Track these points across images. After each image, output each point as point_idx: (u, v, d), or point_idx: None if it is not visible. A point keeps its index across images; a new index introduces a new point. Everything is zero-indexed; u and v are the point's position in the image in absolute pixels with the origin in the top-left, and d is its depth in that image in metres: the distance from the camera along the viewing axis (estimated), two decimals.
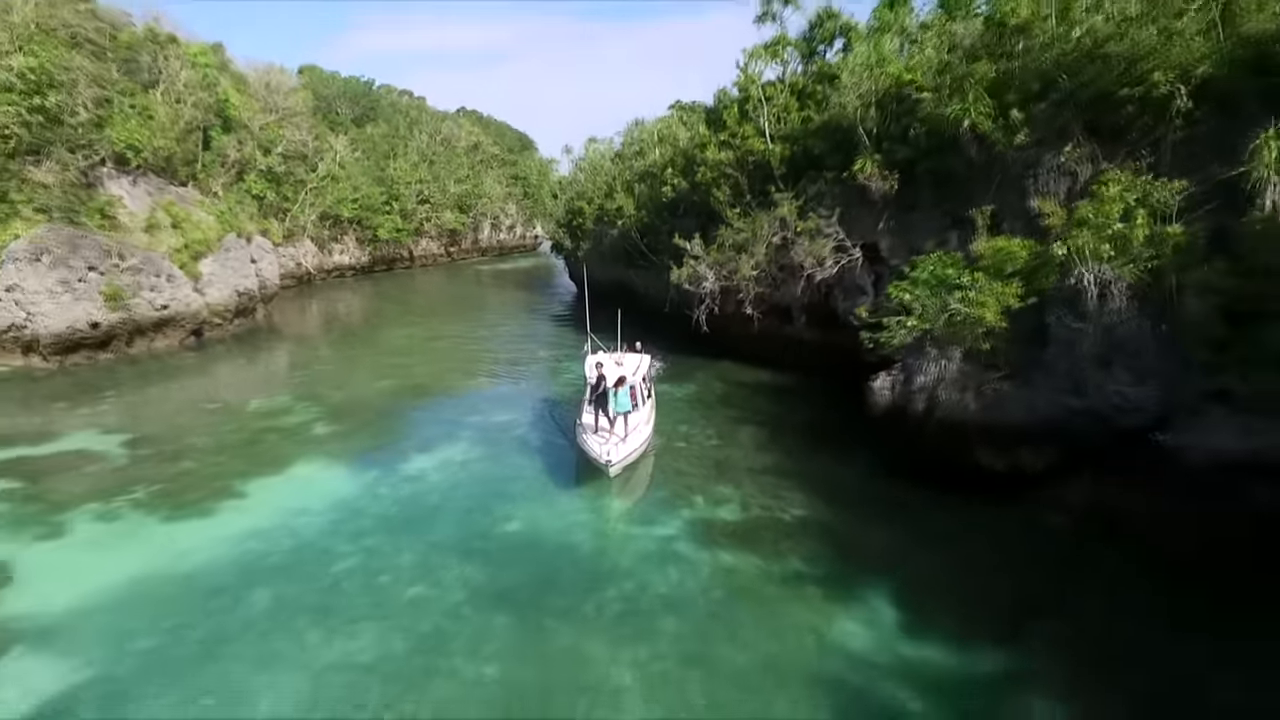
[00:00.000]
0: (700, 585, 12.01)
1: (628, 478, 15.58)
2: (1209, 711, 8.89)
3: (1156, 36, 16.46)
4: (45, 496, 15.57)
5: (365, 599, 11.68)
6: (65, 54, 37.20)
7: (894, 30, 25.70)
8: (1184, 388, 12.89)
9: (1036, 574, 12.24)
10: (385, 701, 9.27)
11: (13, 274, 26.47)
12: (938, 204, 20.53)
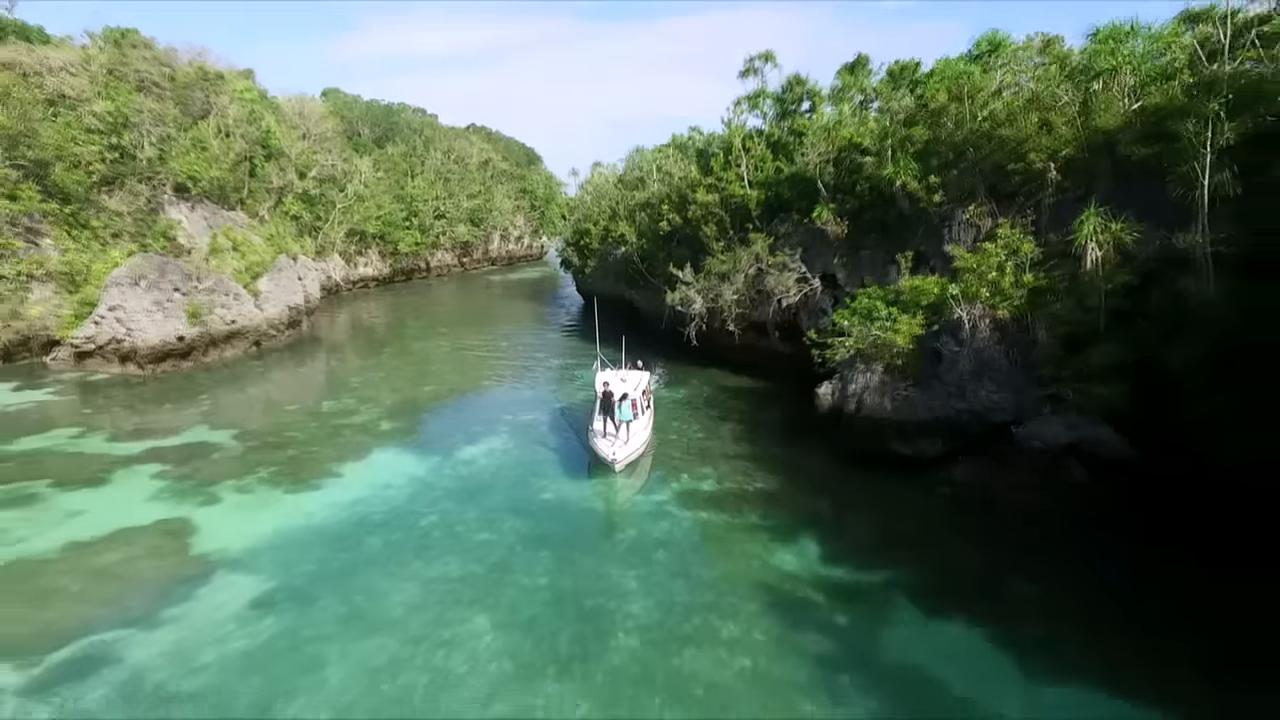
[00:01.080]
0: (683, 532, 17.05)
1: (630, 470, 20.45)
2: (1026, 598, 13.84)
3: (1035, 124, 21.51)
4: (194, 476, 20.63)
5: (448, 541, 16.73)
6: (136, 97, 42.28)
7: (854, 91, 30.85)
8: (1029, 394, 17.95)
9: (925, 525, 17.23)
10: (472, 600, 14.27)
11: (115, 296, 31.54)
12: (880, 245, 25.61)
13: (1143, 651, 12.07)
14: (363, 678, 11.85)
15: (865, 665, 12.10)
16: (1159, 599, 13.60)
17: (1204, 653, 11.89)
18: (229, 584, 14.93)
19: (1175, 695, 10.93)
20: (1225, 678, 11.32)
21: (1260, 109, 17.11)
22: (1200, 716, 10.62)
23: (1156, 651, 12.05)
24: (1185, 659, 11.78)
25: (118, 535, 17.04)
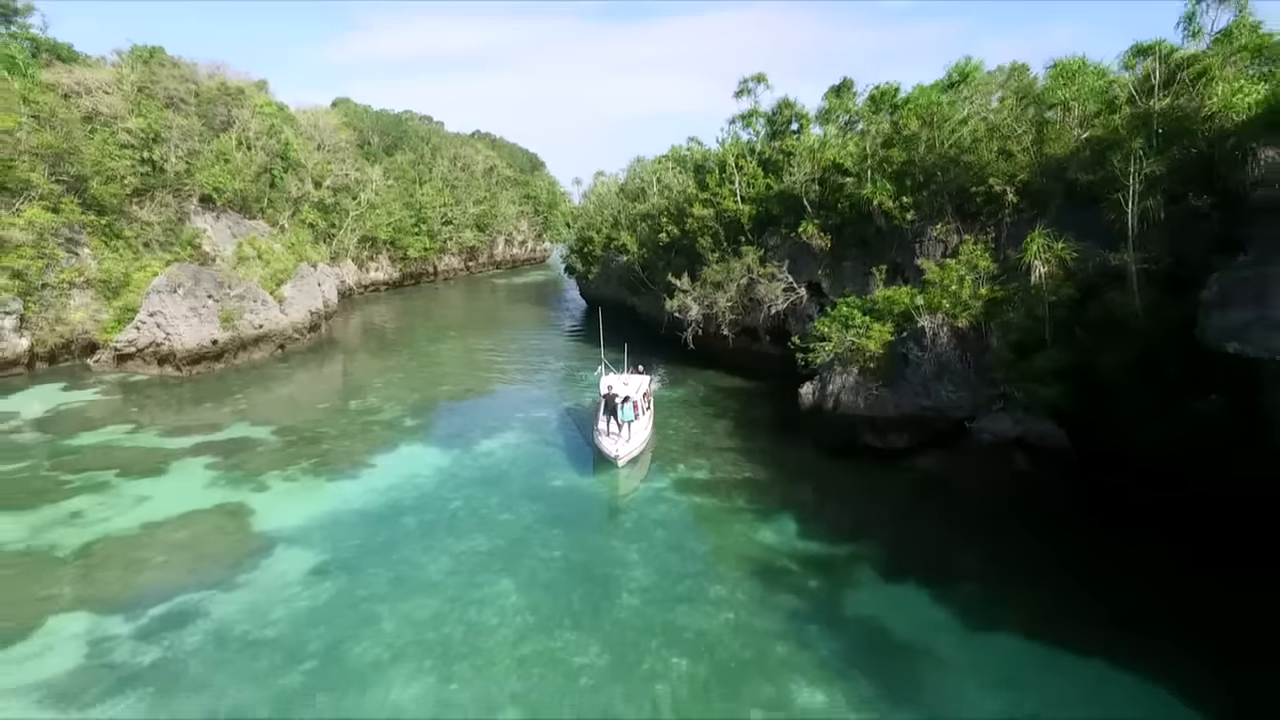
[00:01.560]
0: (678, 514, 19.52)
1: (632, 466, 22.77)
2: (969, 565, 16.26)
3: (995, 152, 24.00)
4: (242, 467, 23.12)
5: (473, 521, 19.19)
6: (165, 114, 44.82)
7: (839, 112, 33.32)
8: (982, 394, 20.42)
9: (890, 508, 19.67)
10: (498, 568, 16.72)
11: (155, 302, 34.03)
12: (860, 258, 28.09)
13: (1062, 607, 14.52)
14: (411, 628, 14.32)
15: (830, 617, 14.57)
16: (1083, 567, 16.05)
17: (1115, 608, 14.34)
18: (288, 556, 17.41)
19: (1084, 640, 13.35)
20: (1129, 629, 13.77)
21: (1184, 142, 19.59)
22: (1100, 655, 13.04)
23: (1073, 607, 14.50)
24: (1099, 613, 14.22)
25: (185, 517, 19.53)
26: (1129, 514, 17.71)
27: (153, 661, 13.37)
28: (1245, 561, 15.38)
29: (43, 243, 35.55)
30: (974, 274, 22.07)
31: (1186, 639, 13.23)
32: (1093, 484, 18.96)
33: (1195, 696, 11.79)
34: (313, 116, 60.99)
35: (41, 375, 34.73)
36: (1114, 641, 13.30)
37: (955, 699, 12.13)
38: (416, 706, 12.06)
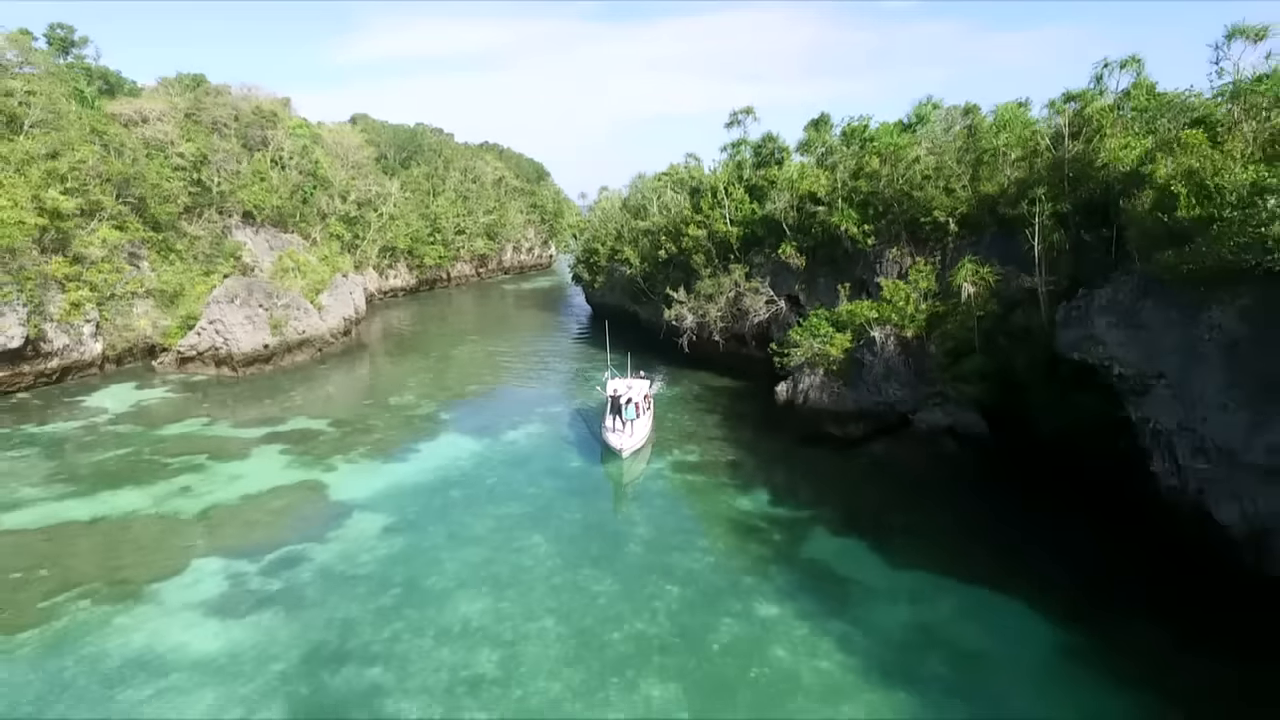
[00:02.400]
0: (673, 488, 24.09)
1: (634, 457, 27.05)
2: (903, 524, 20.75)
3: (940, 189, 28.55)
4: (310, 452, 27.71)
5: (507, 493, 23.76)
6: (211, 139, 49.54)
7: (817, 144, 37.85)
8: (921, 391, 24.98)
9: (845, 483, 24.17)
10: (530, 528, 21.27)
11: (215, 311, 38.65)
12: (831, 275, 32.65)
13: (966, 551, 19.04)
14: (468, 568, 18.87)
15: (788, 560, 19.13)
16: (986, 523, 20.62)
17: (1004, 551, 18.89)
18: (364, 519, 22.00)
19: (977, 573, 17.85)
20: (1011, 563, 18.30)
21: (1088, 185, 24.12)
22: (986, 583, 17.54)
23: (974, 550, 19.02)
24: (991, 554, 18.75)
25: (274, 490, 24.14)
26: (1028, 483, 22.31)
27: (278, 589, 17.96)
28: (1108, 512, 19.93)
29: (112, 258, 40.15)
30: (918, 292, 26.63)
31: (1050, 567, 17.78)
32: (1004, 461, 23.55)
33: (1048, 603, 16.34)
34: (337, 134, 65.62)
35: (112, 375, 39.32)
36: (998, 573, 17.82)
37: (874, 611, 16.68)
38: (479, 617, 16.62)
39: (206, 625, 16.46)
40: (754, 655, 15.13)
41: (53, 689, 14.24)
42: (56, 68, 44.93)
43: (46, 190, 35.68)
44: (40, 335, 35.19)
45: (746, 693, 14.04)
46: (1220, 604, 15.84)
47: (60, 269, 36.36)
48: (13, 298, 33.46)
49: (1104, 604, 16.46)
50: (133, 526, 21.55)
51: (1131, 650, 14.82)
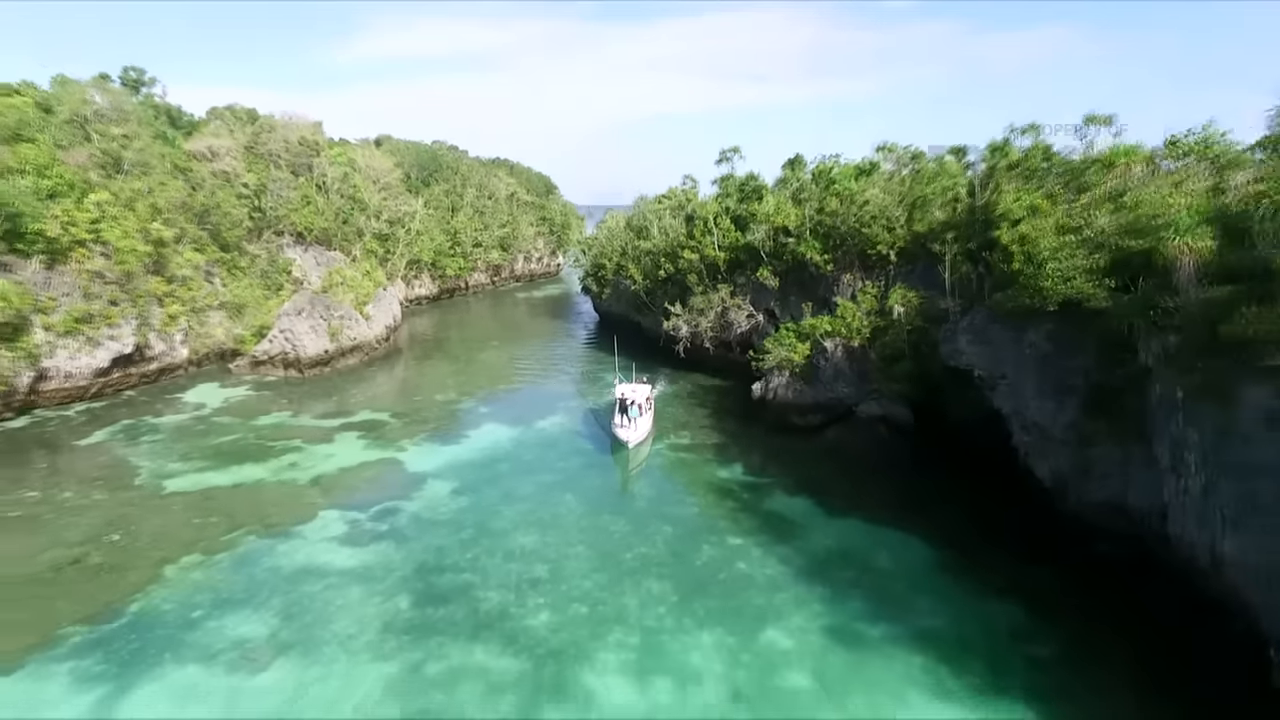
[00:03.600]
0: (668, 463, 31.25)
1: (638, 449, 33.99)
2: (843, 489, 27.82)
3: (882, 227, 35.61)
4: (382, 437, 34.86)
5: (541, 467, 30.92)
6: (270, 170, 56.76)
7: (793, 181, 44.98)
8: (862, 389, 32.14)
9: (803, 461, 31.24)
10: (561, 490, 28.39)
11: (285, 321, 45.84)
12: (800, 294, 39.75)
13: (886, 505, 26.12)
14: (519, 515, 25.97)
15: (753, 512, 26.23)
16: (905, 487, 27.73)
17: (913, 507, 26.00)
18: (435, 484, 29.14)
19: (892, 520, 24.92)
20: (917, 515, 25.39)
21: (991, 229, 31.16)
22: (897, 526, 24.61)
23: (892, 506, 26.10)
24: (903, 508, 25.84)
25: (361, 465, 31.31)
26: (938, 457, 29.48)
27: (385, 529, 25.12)
28: (988, 474, 27.03)
29: (194, 276, 47.36)
30: (864, 310, 33.78)
31: (942, 514, 24.89)
32: (922, 442, 30.68)
33: (935, 537, 23.44)
34: (369, 158, 72.82)
35: (196, 376, 46.46)
36: (904, 519, 24.92)
37: (810, 542, 23.80)
38: (532, 545, 23.73)
39: (341, 551, 23.64)
40: (723, 567, 22.29)
41: (252, 585, 21.40)
42: (143, 112, 52.10)
43: (151, 223, 42.85)
44: (145, 343, 42.39)
45: (717, 588, 21.16)
46: (1038, 531, 22.99)
47: (160, 287, 43.55)
48: (129, 313, 40.67)
49: (972, 535, 23.58)
50: (263, 490, 28.75)
51: (983, 563, 21.93)
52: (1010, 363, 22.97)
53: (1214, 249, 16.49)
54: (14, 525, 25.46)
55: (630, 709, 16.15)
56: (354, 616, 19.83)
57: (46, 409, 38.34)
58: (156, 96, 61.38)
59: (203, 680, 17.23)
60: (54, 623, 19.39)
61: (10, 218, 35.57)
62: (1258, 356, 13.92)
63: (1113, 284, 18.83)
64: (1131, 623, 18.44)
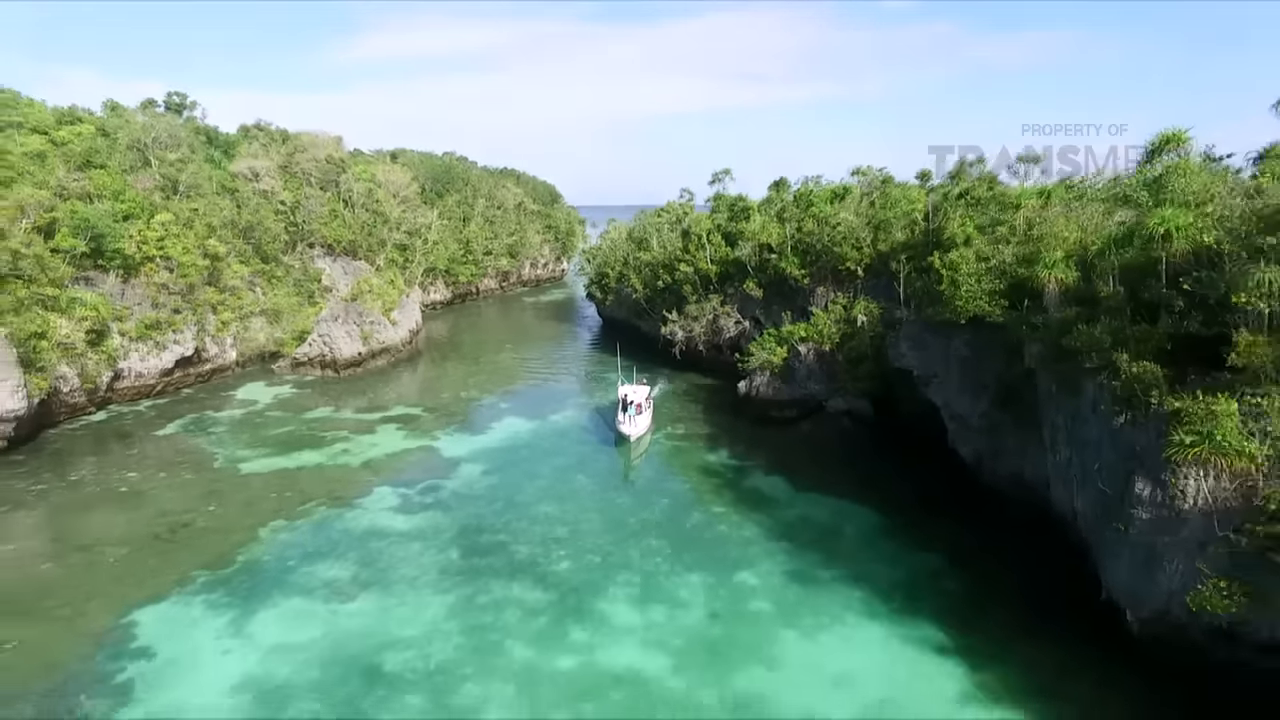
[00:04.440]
0: (664, 450, 36.66)
1: (639, 442, 39.26)
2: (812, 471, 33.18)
3: (851, 246, 41.00)
4: (418, 428, 40.26)
5: (555, 452, 36.33)
6: (304, 188, 62.24)
7: (777, 202, 50.39)
8: (830, 386, 37.55)
9: (780, 447, 36.62)
10: (575, 471, 33.79)
11: (324, 327, 51.26)
12: (782, 304, 45.16)
13: (845, 482, 31.48)
14: (541, 491, 31.35)
15: (734, 489, 31.62)
16: (863, 468, 33.12)
17: (866, 482, 31.37)
18: (468, 466, 34.54)
19: (847, 493, 30.28)
20: (868, 489, 30.76)
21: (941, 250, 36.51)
22: (853, 498, 29.96)
23: (849, 482, 31.46)
24: (859, 484, 31.19)
25: (403, 451, 36.72)
26: (892, 444, 34.87)
27: (431, 501, 30.52)
28: (931, 457, 32.38)
29: (242, 286, 52.77)
30: (834, 319, 39.18)
31: (890, 489, 30.26)
32: (880, 431, 36.06)
33: (883, 507, 28.80)
34: (388, 171, 78.24)
35: (242, 375, 51.86)
36: (860, 493, 30.27)
37: (779, 511, 29.17)
38: (552, 513, 29.09)
39: (398, 517, 29.04)
40: (707, 529, 27.69)
41: (330, 542, 26.79)
42: (192, 138, 57.55)
43: (207, 239, 48.30)
44: (203, 346, 47.83)
45: (702, 544, 26.52)
46: (961, 499, 28.36)
47: (214, 297, 49.00)
48: (190, 320, 46.12)
49: (911, 504, 28.93)
50: (324, 471, 34.17)
51: (916, 525, 27.27)
52: (940, 364, 28.37)
53: (1075, 279, 21.90)
54: (127, 499, 30.93)
55: (633, 626, 21.53)
56: (415, 564, 25.24)
57: (120, 404, 43.78)
58: (197, 119, 66.85)
59: (306, 608, 22.64)
60: (182, 569, 24.82)
61: (95, 238, 40.99)
62: (1086, 360, 19.29)
63: (1006, 304, 24.24)
64: (1020, 564, 23.82)
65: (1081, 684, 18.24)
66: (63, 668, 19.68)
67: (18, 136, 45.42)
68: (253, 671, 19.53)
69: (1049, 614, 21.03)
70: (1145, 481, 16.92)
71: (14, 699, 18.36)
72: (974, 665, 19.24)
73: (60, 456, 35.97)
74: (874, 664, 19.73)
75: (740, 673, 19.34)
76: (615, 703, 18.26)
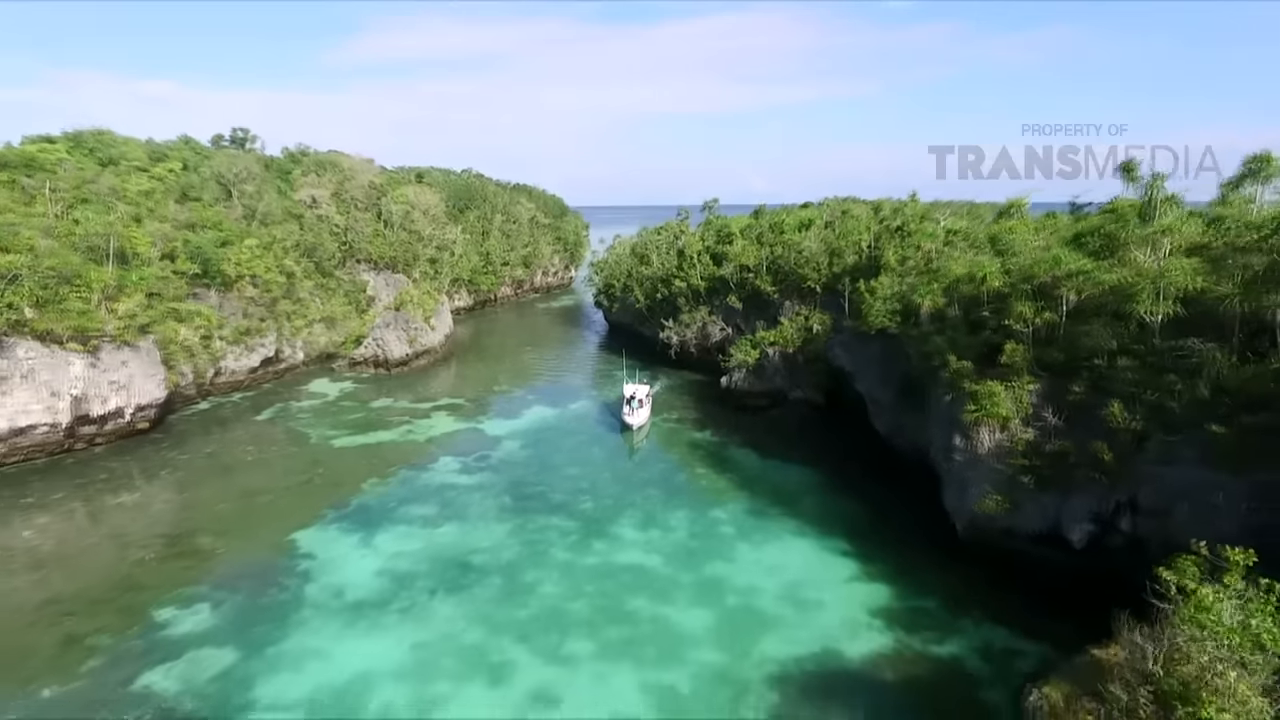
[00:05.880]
0: (660, 433, 46.67)
1: (640, 431, 49.05)
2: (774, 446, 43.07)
3: (810, 267, 51.08)
4: (464, 414, 50.29)
5: (575, 432, 46.36)
6: (352, 211, 72.35)
7: (756, 228, 60.39)
8: (793, 381, 47.53)
9: (752, 428, 46.49)
10: (590, 446, 43.79)
11: (377, 332, 61.32)
12: (757, 314, 55.18)
13: (800, 452, 41.40)
14: (565, 459, 41.35)
15: (715, 459, 41.59)
16: (816, 443, 43.05)
17: (817, 453, 41.33)
18: (509, 441, 44.55)
19: (799, 459, 40.22)
20: (819, 458, 40.70)
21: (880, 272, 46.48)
22: (801, 463, 39.85)
23: (802, 453, 41.39)
24: (811, 454, 41.14)
25: (455, 432, 46.74)
26: (837, 425, 44.87)
27: (484, 466, 40.55)
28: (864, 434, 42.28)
29: (309, 298, 62.86)
30: (797, 327, 49.17)
31: (832, 457, 40.20)
32: (829, 416, 46.05)
33: (826, 470, 38.76)
34: (419, 194, 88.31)
35: (308, 373, 61.86)
36: (809, 462, 40.22)
37: (746, 473, 39.13)
38: (577, 474, 39.09)
39: (461, 476, 39.06)
40: (691, 484, 37.67)
41: (415, 493, 36.79)
42: (263, 171, 67.71)
43: (284, 259, 58.41)
44: (280, 348, 57.92)
45: (686, 493, 36.50)
46: (877, 461, 38.28)
47: (289, 307, 59.11)
48: (271, 327, 56.22)
49: (842, 466, 38.85)
50: (398, 446, 44.19)
51: (842, 479, 37.18)
52: (863, 364, 38.29)
53: (940, 304, 31.83)
54: (254, 465, 41.03)
55: (636, 540, 31.46)
56: (480, 505, 35.25)
57: (217, 396, 53.87)
58: (257, 150, 77.00)
59: (409, 531, 32.63)
60: (315, 509, 34.85)
61: (203, 261, 51.08)
62: (937, 360, 29.21)
63: (901, 320, 34.20)
64: (904, 499, 33.66)
65: (929, 568, 28.16)
66: (260, 563, 29.76)
67: (131, 178, 55.54)
68: (384, 566, 29.56)
69: (916, 527, 30.99)
70: (960, 436, 26.85)
71: (237, 578, 28.42)
72: (862, 560, 29.21)
73: (187, 435, 46.04)
74: (797, 561, 29.69)
75: (707, 566, 29.33)
76: (624, 582, 28.24)
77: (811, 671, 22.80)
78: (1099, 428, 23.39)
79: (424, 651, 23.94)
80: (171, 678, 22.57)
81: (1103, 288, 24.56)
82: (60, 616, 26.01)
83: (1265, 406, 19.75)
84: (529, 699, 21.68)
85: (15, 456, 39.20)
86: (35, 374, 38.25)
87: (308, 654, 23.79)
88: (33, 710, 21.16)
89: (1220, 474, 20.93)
